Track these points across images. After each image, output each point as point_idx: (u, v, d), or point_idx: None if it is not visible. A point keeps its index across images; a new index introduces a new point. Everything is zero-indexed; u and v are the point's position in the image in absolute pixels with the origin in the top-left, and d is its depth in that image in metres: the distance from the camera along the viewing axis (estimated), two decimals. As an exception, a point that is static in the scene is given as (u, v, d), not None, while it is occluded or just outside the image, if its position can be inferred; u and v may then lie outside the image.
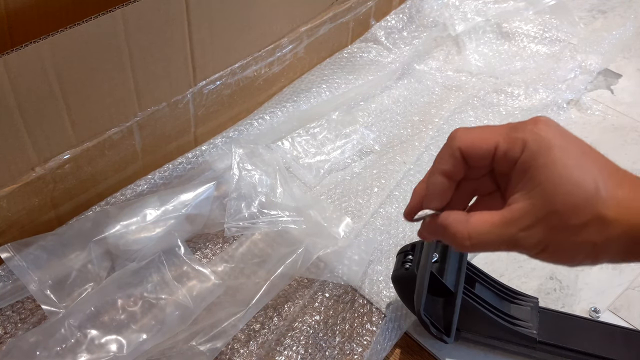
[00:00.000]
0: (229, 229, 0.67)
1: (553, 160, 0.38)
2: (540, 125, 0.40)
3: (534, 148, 0.39)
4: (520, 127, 0.40)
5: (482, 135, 0.41)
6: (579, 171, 0.38)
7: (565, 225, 0.38)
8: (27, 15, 0.62)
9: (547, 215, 0.38)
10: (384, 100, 0.92)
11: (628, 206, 0.38)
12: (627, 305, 0.67)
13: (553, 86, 0.94)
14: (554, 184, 0.38)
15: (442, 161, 0.43)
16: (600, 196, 0.38)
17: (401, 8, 1.00)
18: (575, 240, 0.39)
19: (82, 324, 0.59)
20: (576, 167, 0.38)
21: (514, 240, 0.40)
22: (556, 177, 0.38)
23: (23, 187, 0.63)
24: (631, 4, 1.11)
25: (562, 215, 0.38)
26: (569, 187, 0.38)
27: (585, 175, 0.38)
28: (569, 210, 0.38)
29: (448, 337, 0.58)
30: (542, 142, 0.39)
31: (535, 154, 0.39)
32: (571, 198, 0.38)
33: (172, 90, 0.72)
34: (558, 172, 0.38)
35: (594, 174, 0.38)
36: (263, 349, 0.61)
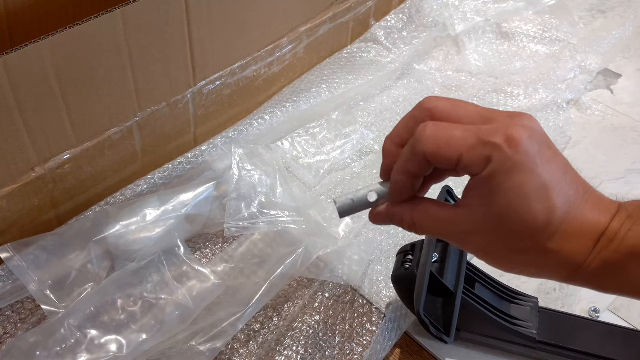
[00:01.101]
0: (229, 229, 0.67)
1: (511, 186, 0.37)
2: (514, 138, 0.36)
3: (496, 168, 0.37)
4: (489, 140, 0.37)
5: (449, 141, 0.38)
6: (534, 202, 0.37)
7: (505, 245, 0.39)
8: (27, 15, 0.62)
9: (489, 232, 0.39)
10: (384, 100, 0.92)
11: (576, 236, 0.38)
12: (627, 305, 0.67)
13: (553, 86, 0.94)
14: (504, 208, 0.37)
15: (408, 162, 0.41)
16: (549, 229, 0.37)
17: (401, 8, 1.00)
18: (513, 259, 0.40)
19: (82, 324, 0.59)
20: (533, 196, 0.37)
21: (454, 237, 0.41)
22: (508, 203, 0.37)
23: (23, 187, 0.63)
24: (631, 4, 1.11)
25: (504, 238, 0.38)
26: (517, 216, 0.37)
27: (539, 207, 0.37)
28: (511, 235, 0.38)
29: (448, 337, 0.58)
30: (507, 163, 0.36)
31: (496, 173, 0.37)
32: (516, 226, 0.37)
33: (172, 90, 0.72)
34: (512, 198, 0.37)
35: (551, 205, 0.37)
36: (263, 349, 0.61)
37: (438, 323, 0.58)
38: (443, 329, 0.58)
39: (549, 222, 0.37)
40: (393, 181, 0.43)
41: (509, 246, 0.39)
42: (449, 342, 0.59)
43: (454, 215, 0.40)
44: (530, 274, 0.42)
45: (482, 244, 0.40)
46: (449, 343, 0.60)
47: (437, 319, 0.59)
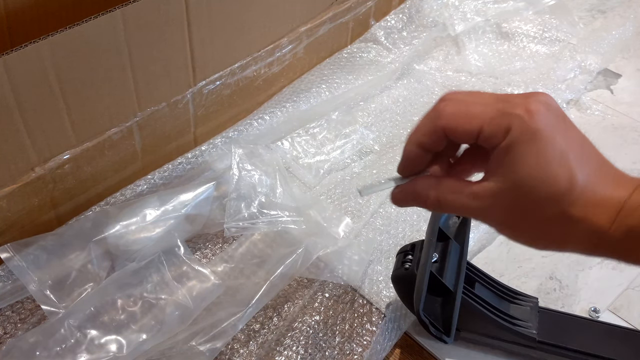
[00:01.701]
0: (229, 229, 0.67)
1: (531, 152, 0.37)
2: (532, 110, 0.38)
3: (516, 136, 0.38)
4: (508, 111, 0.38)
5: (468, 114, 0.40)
6: (555, 167, 0.37)
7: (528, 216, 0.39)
8: (27, 15, 0.62)
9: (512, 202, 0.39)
10: (384, 100, 0.92)
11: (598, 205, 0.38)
12: (627, 305, 0.67)
13: (553, 86, 0.94)
14: (525, 176, 0.38)
15: (423, 134, 0.42)
16: (571, 195, 0.38)
17: (401, 8, 1.00)
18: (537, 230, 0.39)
19: (81, 324, 0.59)
20: (554, 162, 0.37)
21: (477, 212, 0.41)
22: (529, 170, 0.37)
23: (23, 187, 0.63)
24: (630, 4, 1.11)
25: (527, 207, 0.38)
26: (539, 182, 0.37)
27: (560, 171, 0.37)
28: (534, 203, 0.38)
29: (447, 337, 0.58)
30: (527, 131, 0.37)
31: (516, 142, 0.38)
32: (538, 193, 0.38)
33: (172, 90, 0.72)
34: (532, 165, 0.37)
35: (572, 171, 0.38)
36: (263, 349, 0.61)
37: (438, 323, 0.58)
38: (443, 328, 0.58)
39: (570, 188, 0.37)
40: (405, 152, 0.43)
41: (533, 216, 0.39)
42: (448, 342, 0.59)
43: (478, 190, 0.40)
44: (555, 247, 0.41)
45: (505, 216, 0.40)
46: (448, 343, 0.60)
47: (436, 318, 0.59)
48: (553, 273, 0.69)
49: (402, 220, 0.75)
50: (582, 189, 0.38)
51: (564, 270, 0.70)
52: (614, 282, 0.69)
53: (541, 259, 0.71)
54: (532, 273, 0.69)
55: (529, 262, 0.70)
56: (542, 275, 0.69)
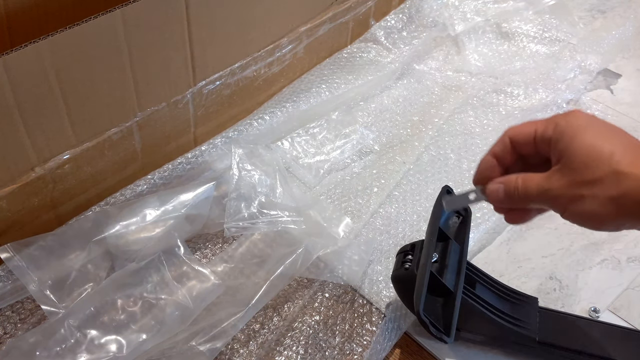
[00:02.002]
0: (229, 229, 0.67)
1: (576, 133, 0.47)
2: (571, 112, 0.49)
3: (562, 126, 0.48)
4: (555, 115, 0.50)
5: (526, 124, 0.51)
6: (596, 140, 0.46)
7: (584, 180, 0.46)
8: (26, 15, 0.62)
9: (569, 172, 0.47)
10: (384, 100, 0.92)
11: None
12: (627, 305, 0.67)
13: (553, 86, 0.94)
14: (575, 150, 0.46)
15: (495, 146, 0.52)
16: (614, 156, 0.45)
17: (401, 8, 1.00)
18: (595, 193, 0.45)
19: (81, 324, 0.59)
20: (594, 137, 0.46)
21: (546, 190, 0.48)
22: (576, 145, 0.46)
23: (23, 187, 0.63)
24: (630, 4, 1.11)
25: (580, 172, 0.46)
26: (586, 150, 0.46)
27: (601, 142, 0.46)
28: (585, 166, 0.46)
29: (448, 337, 0.58)
30: (569, 121, 0.48)
31: (563, 131, 0.48)
32: (587, 158, 0.46)
33: (172, 90, 0.72)
34: (578, 141, 0.46)
35: (610, 142, 0.46)
36: (263, 349, 0.61)
37: (438, 323, 0.58)
38: (443, 328, 0.58)
39: (612, 151, 0.45)
40: (481, 162, 0.53)
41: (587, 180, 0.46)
42: (448, 342, 0.59)
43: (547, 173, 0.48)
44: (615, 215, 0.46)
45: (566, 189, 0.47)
46: (448, 343, 0.60)
47: (437, 318, 0.58)
48: (553, 273, 0.69)
49: (402, 220, 0.75)
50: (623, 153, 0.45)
51: (564, 270, 0.70)
52: (614, 282, 0.69)
53: (541, 259, 0.71)
54: (532, 273, 0.69)
55: (529, 262, 0.70)
56: (542, 275, 0.69)
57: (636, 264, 0.71)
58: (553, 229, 0.74)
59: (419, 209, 0.76)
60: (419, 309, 0.55)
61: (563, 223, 0.51)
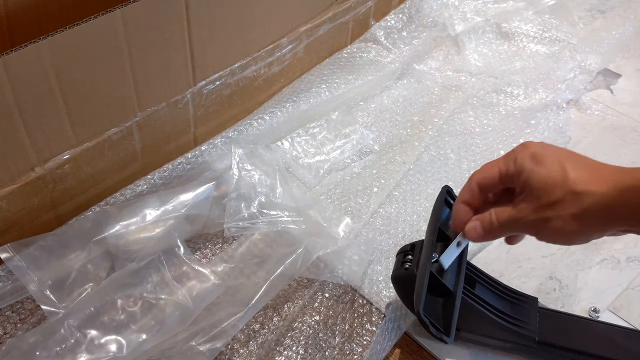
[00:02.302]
0: (229, 229, 0.67)
1: (534, 162, 0.52)
2: (524, 145, 0.54)
3: (520, 159, 0.53)
4: (512, 151, 0.54)
5: (488, 166, 0.55)
6: (552, 165, 0.51)
7: (546, 203, 0.50)
8: (26, 15, 0.62)
9: (532, 199, 0.51)
10: (384, 100, 0.92)
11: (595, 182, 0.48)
12: (627, 305, 0.67)
13: (552, 86, 0.94)
14: (534, 177, 0.51)
15: (464, 194, 0.56)
16: (568, 178, 0.49)
17: (400, 8, 1.00)
18: (558, 215, 0.49)
19: (81, 324, 0.59)
20: (549, 163, 0.51)
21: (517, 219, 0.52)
22: (535, 172, 0.51)
23: (23, 188, 0.63)
24: (630, 4, 1.11)
25: (541, 196, 0.50)
26: (544, 177, 0.50)
27: (556, 167, 0.50)
28: (545, 192, 0.50)
29: (448, 337, 0.58)
30: (526, 153, 0.53)
31: (522, 162, 0.52)
32: (546, 184, 0.50)
33: (172, 90, 0.72)
34: (537, 169, 0.51)
35: (564, 165, 0.50)
36: (263, 349, 0.61)
37: (438, 323, 0.58)
38: (443, 328, 0.58)
39: (566, 174, 0.50)
40: (455, 211, 0.57)
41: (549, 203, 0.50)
42: (448, 342, 0.59)
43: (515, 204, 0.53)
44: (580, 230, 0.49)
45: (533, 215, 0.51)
46: (448, 343, 0.60)
47: (437, 318, 0.58)
48: (553, 273, 0.69)
49: (402, 220, 0.75)
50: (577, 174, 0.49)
51: (564, 270, 0.70)
52: (614, 282, 0.69)
53: (541, 259, 0.71)
54: (532, 273, 0.69)
55: (528, 262, 0.70)
56: (542, 275, 0.69)
57: (636, 263, 0.71)
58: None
59: (419, 209, 0.76)
60: (419, 309, 0.55)
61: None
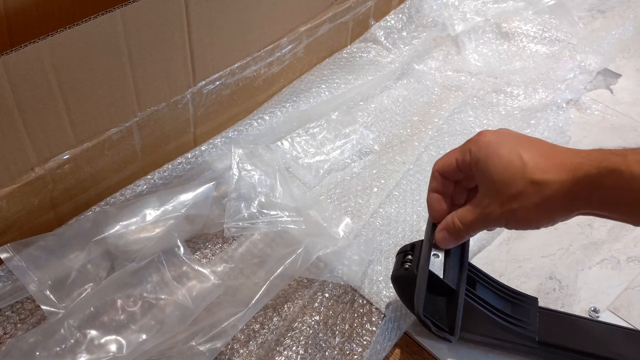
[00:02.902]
0: (229, 229, 0.67)
1: (488, 153, 0.51)
2: (480, 133, 0.53)
3: (475, 150, 0.52)
4: (468, 141, 0.53)
5: (447, 155, 0.55)
6: (508, 155, 0.50)
7: (509, 196, 0.49)
8: (26, 15, 0.62)
9: (495, 194, 0.50)
10: (384, 100, 0.92)
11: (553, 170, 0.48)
12: (627, 305, 0.67)
13: (552, 86, 0.94)
14: (492, 170, 0.50)
15: (431, 183, 0.57)
16: (527, 167, 0.49)
17: (400, 8, 1.00)
18: (522, 205, 0.49)
19: (81, 324, 0.59)
20: (506, 153, 0.50)
21: (484, 216, 0.52)
22: (492, 165, 0.50)
23: (22, 188, 0.63)
24: (630, 4, 1.11)
25: (503, 190, 0.50)
26: (502, 169, 0.50)
27: (512, 157, 0.49)
28: (505, 184, 0.49)
29: (452, 336, 0.58)
30: (480, 143, 0.52)
31: (477, 154, 0.51)
32: (504, 176, 0.49)
33: (172, 90, 0.72)
34: (493, 161, 0.50)
35: (520, 154, 0.49)
36: (263, 349, 0.61)
37: (442, 322, 0.58)
38: (447, 327, 0.58)
39: (524, 164, 0.49)
40: (428, 203, 0.57)
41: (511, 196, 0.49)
42: (453, 341, 0.59)
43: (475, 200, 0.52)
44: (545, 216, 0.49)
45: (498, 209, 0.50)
46: (453, 342, 0.59)
47: (440, 317, 0.58)
48: (553, 273, 0.69)
49: (402, 220, 0.75)
50: (535, 163, 0.49)
51: (564, 270, 0.70)
52: (613, 282, 0.69)
53: (541, 258, 0.71)
54: (532, 273, 0.69)
55: (528, 262, 0.70)
56: (542, 275, 0.69)
57: (636, 263, 0.71)
58: (552, 229, 0.73)
59: (418, 209, 0.76)
60: (419, 310, 0.55)
61: (563, 223, 0.51)
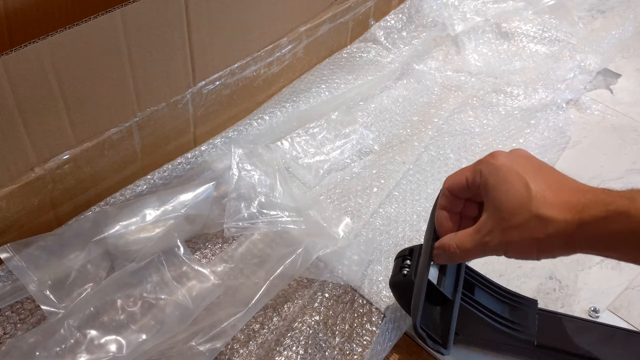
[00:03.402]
0: (229, 229, 0.67)
1: (498, 179, 0.49)
2: (495, 155, 0.51)
3: (485, 172, 0.51)
4: (480, 161, 0.52)
5: (458, 173, 0.54)
6: (516, 183, 0.48)
7: (511, 225, 0.48)
8: (26, 15, 0.62)
9: (498, 221, 0.49)
10: (384, 100, 0.92)
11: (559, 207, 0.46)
12: (627, 305, 0.67)
13: (552, 86, 0.94)
14: (499, 197, 0.49)
15: (440, 199, 0.56)
16: (534, 200, 0.47)
17: (400, 8, 1.00)
18: (523, 237, 0.47)
19: (81, 324, 0.59)
20: (513, 181, 0.48)
21: (483, 244, 0.50)
22: (499, 191, 0.49)
23: (22, 188, 0.63)
24: (630, 4, 1.11)
25: (507, 219, 0.48)
26: (508, 196, 0.48)
27: (520, 186, 0.48)
28: (510, 212, 0.48)
29: (445, 349, 0.55)
30: (491, 167, 0.50)
31: (487, 177, 0.50)
32: (510, 204, 0.48)
33: (172, 90, 0.72)
34: (501, 187, 0.49)
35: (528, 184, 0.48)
36: (263, 349, 0.61)
37: (435, 332, 0.56)
38: (440, 338, 0.56)
39: (531, 196, 0.47)
40: (436, 218, 0.56)
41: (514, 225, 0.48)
42: (445, 354, 0.56)
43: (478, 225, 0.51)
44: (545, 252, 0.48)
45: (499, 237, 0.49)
46: (445, 354, 0.57)
47: (434, 328, 0.57)
48: (553, 273, 0.69)
49: (402, 220, 0.75)
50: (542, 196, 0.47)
51: (564, 270, 0.70)
52: (613, 282, 0.69)
53: (541, 259, 0.71)
54: (532, 273, 0.69)
55: (528, 262, 0.70)
56: (542, 275, 0.69)
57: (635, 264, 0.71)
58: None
59: (418, 209, 0.76)
60: (415, 323, 0.53)
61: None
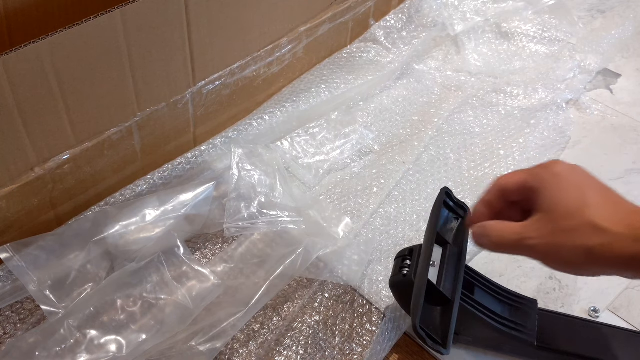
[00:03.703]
0: (229, 229, 0.67)
1: (555, 183, 0.50)
2: (555, 162, 0.52)
3: (544, 177, 0.51)
4: (539, 165, 0.53)
5: (514, 173, 0.54)
6: (572, 191, 0.49)
7: (562, 228, 0.47)
8: (26, 15, 0.62)
9: (548, 223, 0.49)
10: (384, 100, 0.92)
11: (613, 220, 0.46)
12: (627, 305, 0.67)
13: (552, 86, 0.94)
14: (554, 200, 0.49)
15: (486, 194, 0.55)
16: (589, 209, 0.47)
17: (400, 8, 1.00)
18: (573, 243, 0.47)
19: (81, 324, 0.59)
20: (571, 188, 0.49)
21: (522, 241, 0.50)
22: (555, 196, 0.49)
23: (22, 188, 0.63)
24: (630, 4, 1.11)
25: (559, 221, 0.48)
26: (562, 200, 0.49)
27: (577, 194, 0.48)
28: (562, 216, 0.48)
29: (444, 349, 0.55)
30: (550, 171, 0.51)
31: (544, 179, 0.51)
32: (564, 207, 0.48)
33: (172, 90, 0.72)
34: (557, 192, 0.49)
35: (584, 193, 0.48)
36: (262, 349, 0.61)
37: (435, 333, 0.56)
38: (440, 339, 0.56)
39: (586, 205, 0.47)
40: (474, 209, 0.56)
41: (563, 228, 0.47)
42: (444, 354, 0.56)
43: (526, 222, 0.50)
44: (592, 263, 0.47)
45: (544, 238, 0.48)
46: (444, 354, 0.58)
47: (434, 328, 0.56)
48: (553, 273, 0.69)
49: (402, 220, 0.75)
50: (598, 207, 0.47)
51: (564, 270, 0.70)
52: (613, 282, 0.69)
53: (541, 259, 0.71)
54: (532, 273, 0.69)
55: (528, 262, 0.70)
56: (542, 275, 0.69)
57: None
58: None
59: (418, 208, 0.76)
60: (415, 323, 0.53)
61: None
